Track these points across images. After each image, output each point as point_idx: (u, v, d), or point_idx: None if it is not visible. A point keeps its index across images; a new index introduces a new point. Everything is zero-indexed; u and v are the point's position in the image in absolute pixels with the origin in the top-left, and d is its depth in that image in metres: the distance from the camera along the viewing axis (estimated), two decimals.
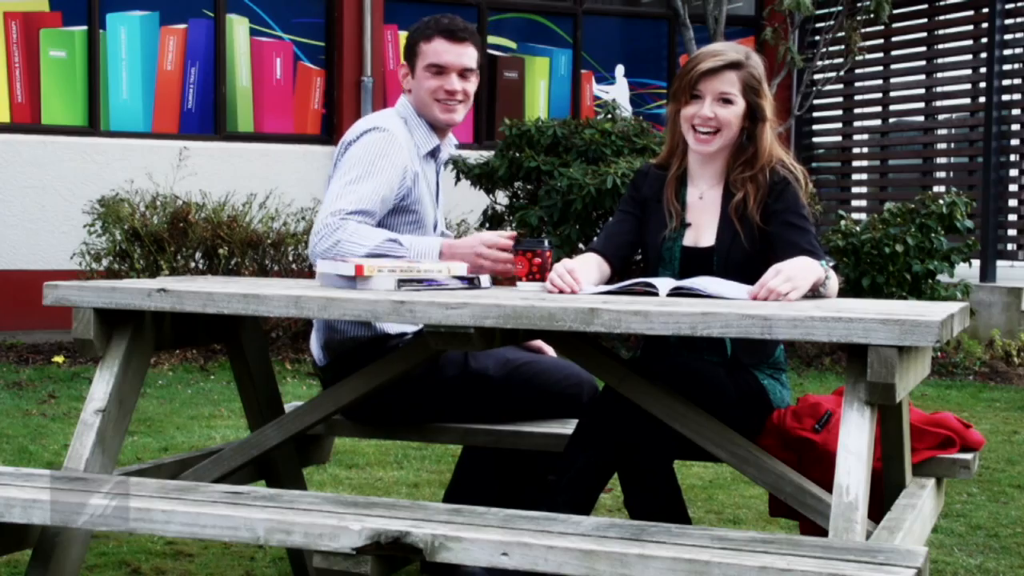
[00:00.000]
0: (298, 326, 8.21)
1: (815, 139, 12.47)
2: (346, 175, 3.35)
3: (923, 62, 11.31)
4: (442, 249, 3.31)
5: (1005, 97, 10.10)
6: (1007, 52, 10.08)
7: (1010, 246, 10.27)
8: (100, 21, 10.07)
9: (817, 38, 10.32)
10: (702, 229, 3.29)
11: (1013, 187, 10.26)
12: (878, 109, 11.80)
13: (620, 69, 11.92)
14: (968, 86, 10.83)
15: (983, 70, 10.33)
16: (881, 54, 11.55)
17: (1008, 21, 10.07)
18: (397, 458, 5.43)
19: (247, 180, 9.68)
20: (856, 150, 12.51)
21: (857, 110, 12.15)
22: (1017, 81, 10.14)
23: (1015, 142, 10.19)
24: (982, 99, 10.34)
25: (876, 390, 2.48)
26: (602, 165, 8.03)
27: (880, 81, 11.67)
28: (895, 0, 9.95)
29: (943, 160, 11.47)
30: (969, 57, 10.77)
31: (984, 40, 10.24)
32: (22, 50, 9.84)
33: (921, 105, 11.35)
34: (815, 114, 11.98)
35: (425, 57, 3.52)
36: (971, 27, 10.69)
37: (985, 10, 10.22)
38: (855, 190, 12.54)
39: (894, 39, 11.46)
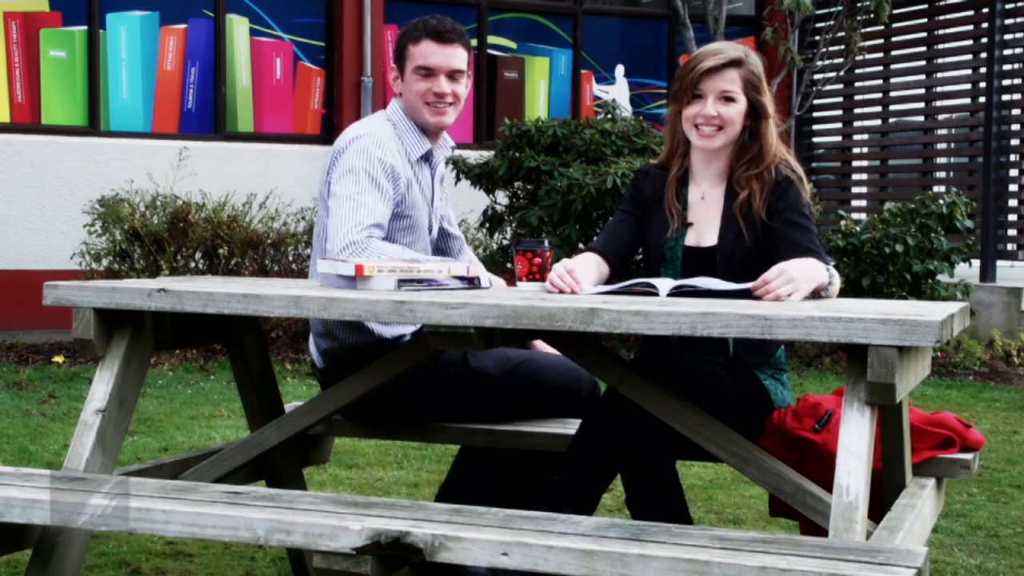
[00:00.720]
0: (298, 326, 8.21)
1: (815, 139, 12.46)
2: (350, 186, 3.31)
3: (923, 62, 11.30)
4: None
5: (1005, 97, 10.10)
6: (1007, 52, 10.07)
7: (1010, 246, 10.27)
8: (100, 21, 10.06)
9: (817, 38, 10.33)
10: (704, 229, 3.29)
11: (1013, 187, 10.26)
12: (878, 109, 11.79)
13: (620, 69, 11.91)
14: (968, 86, 10.83)
15: (983, 70, 10.32)
16: (881, 54, 11.55)
17: (1008, 21, 10.06)
18: (397, 458, 5.43)
19: (247, 180, 9.67)
20: (856, 150, 12.50)
21: (857, 110, 12.14)
22: (1017, 81, 10.13)
23: (1015, 142, 10.18)
24: (982, 99, 10.33)
25: (876, 390, 2.48)
26: (602, 165, 8.02)
27: (880, 81, 11.66)
28: (895, 0, 9.95)
29: (943, 160, 11.46)
30: (969, 57, 10.76)
31: (984, 40, 10.24)
32: (22, 50, 9.84)
33: (921, 105, 11.35)
34: (815, 114, 11.97)
35: (413, 59, 3.48)
36: (971, 27, 10.68)
37: (985, 10, 10.21)
38: (855, 190, 12.53)
39: (894, 39, 11.46)
